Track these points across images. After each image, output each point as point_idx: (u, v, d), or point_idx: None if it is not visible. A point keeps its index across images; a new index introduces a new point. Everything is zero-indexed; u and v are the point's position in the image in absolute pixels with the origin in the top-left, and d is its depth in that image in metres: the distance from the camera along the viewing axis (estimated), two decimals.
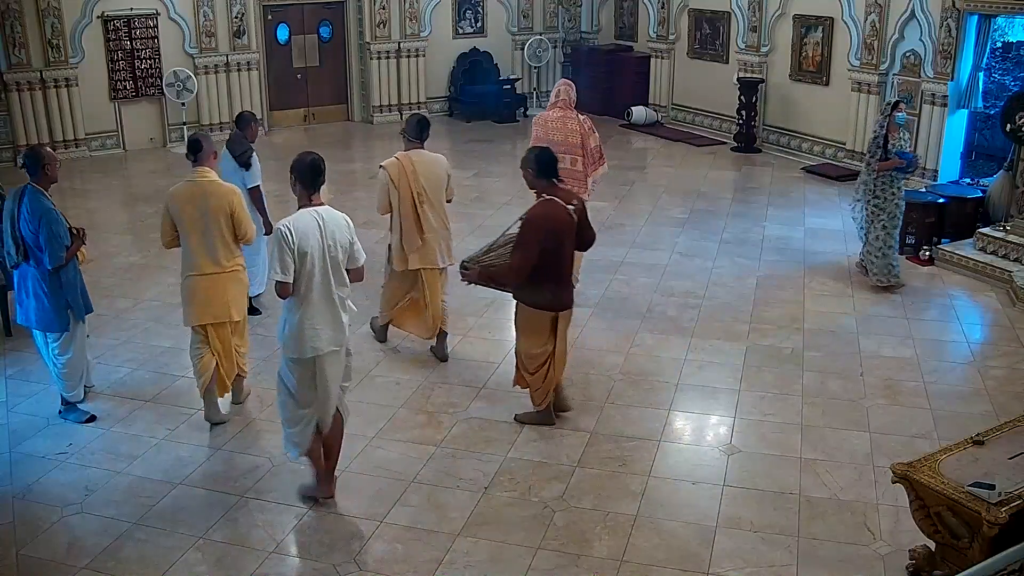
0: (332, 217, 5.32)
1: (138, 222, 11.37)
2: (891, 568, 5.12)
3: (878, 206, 8.85)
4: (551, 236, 6.02)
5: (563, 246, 6.14)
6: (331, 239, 5.26)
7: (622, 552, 5.25)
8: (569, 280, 6.37)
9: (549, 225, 6.03)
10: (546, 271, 6.08)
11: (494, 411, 6.78)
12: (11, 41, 13.37)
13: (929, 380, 7.22)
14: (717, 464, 6.12)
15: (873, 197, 8.85)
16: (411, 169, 7.14)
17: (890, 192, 8.82)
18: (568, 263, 6.27)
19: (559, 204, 6.09)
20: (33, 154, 6.37)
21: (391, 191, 7.17)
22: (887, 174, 8.77)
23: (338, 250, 5.30)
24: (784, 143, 14.40)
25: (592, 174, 8.38)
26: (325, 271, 5.27)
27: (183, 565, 5.17)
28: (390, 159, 7.26)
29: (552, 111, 8.46)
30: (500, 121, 16.55)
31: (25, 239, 6.22)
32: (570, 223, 6.13)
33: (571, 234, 6.19)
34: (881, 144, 8.74)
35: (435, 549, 5.28)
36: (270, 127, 15.82)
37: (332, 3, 16.22)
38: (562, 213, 6.08)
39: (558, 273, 6.17)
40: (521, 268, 6.05)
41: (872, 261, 8.97)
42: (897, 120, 8.78)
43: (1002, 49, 11.69)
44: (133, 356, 7.68)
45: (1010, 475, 4.64)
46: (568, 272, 6.32)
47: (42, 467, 6.10)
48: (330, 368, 5.39)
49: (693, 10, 15.75)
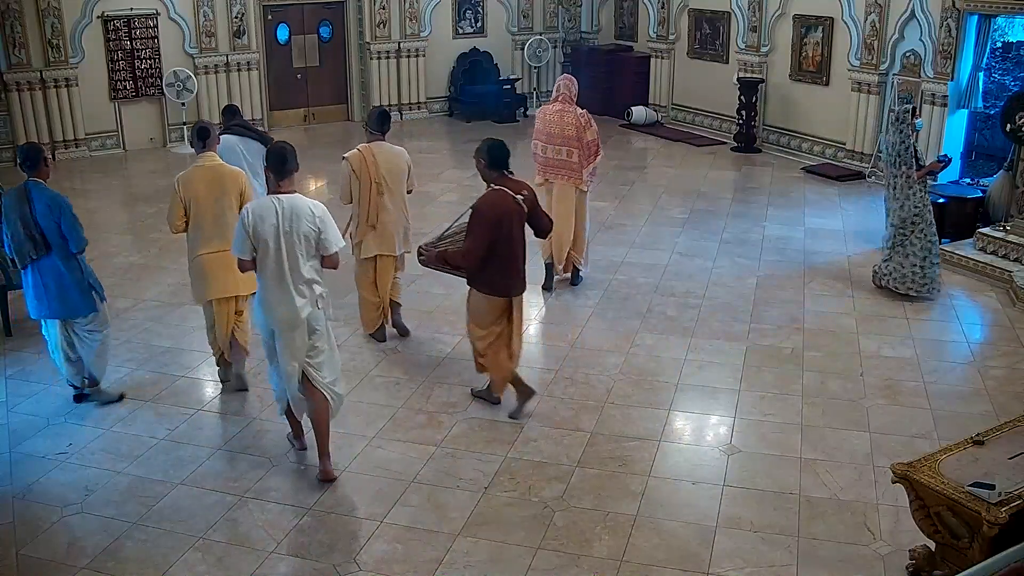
0: (294, 205, 5.55)
1: (138, 222, 11.37)
2: (891, 568, 5.12)
3: (919, 215, 8.51)
4: (499, 224, 6.26)
5: (512, 234, 6.36)
6: (289, 225, 5.51)
7: (622, 552, 5.25)
8: (521, 267, 6.55)
9: (497, 214, 6.26)
10: (498, 258, 6.33)
11: (494, 411, 6.77)
12: (11, 41, 13.37)
13: (929, 380, 7.22)
14: (717, 464, 6.12)
15: (913, 208, 8.49)
16: (372, 160, 7.38)
17: (918, 198, 8.52)
18: (519, 251, 6.48)
19: (507, 194, 6.33)
20: (33, 148, 6.50)
21: (352, 181, 7.41)
22: (922, 181, 8.56)
23: (297, 237, 5.53)
24: (784, 143, 14.40)
25: (587, 166, 8.59)
26: (280, 255, 5.53)
27: (183, 565, 5.17)
28: (352, 151, 7.49)
29: (552, 105, 8.71)
30: (500, 121, 16.55)
31: (45, 231, 6.35)
32: (518, 212, 6.36)
33: (520, 222, 6.42)
34: (913, 153, 8.48)
35: (435, 549, 5.28)
36: (270, 127, 15.81)
37: (332, 3, 16.22)
38: (510, 202, 6.32)
39: (510, 260, 6.40)
40: (470, 254, 6.33)
41: (912, 271, 8.58)
42: (917, 127, 8.69)
43: (1002, 49, 11.70)
44: (133, 356, 7.68)
45: (1010, 475, 4.64)
46: (520, 259, 6.52)
47: (42, 467, 6.10)
48: (286, 344, 5.68)
49: (693, 10, 15.75)
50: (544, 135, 8.61)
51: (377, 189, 7.39)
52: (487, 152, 6.43)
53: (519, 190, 6.42)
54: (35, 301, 6.62)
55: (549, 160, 8.66)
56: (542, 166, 8.73)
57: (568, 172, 8.56)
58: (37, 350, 7.76)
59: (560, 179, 8.65)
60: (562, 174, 8.62)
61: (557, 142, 8.51)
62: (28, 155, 6.43)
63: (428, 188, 12.19)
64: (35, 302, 6.62)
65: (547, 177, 8.72)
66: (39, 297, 6.57)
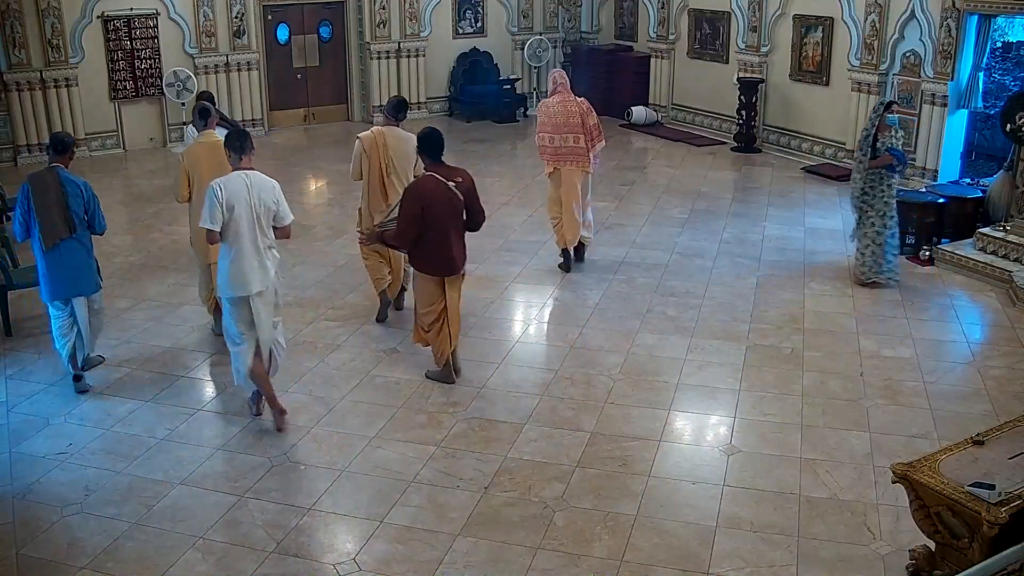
0: (259, 180, 6.21)
1: (138, 222, 11.37)
2: (891, 568, 5.12)
3: (867, 203, 8.95)
4: (427, 207, 6.64)
5: (444, 217, 6.70)
6: (256, 198, 6.14)
7: (622, 552, 5.25)
8: (453, 249, 6.85)
9: (425, 198, 6.65)
10: (430, 239, 6.73)
11: (494, 411, 6.78)
12: (11, 41, 13.37)
13: (929, 380, 7.22)
14: (717, 464, 6.12)
15: (862, 194, 8.95)
16: (382, 143, 7.79)
17: (879, 190, 8.89)
18: (451, 233, 6.79)
19: (439, 180, 6.70)
20: (66, 136, 7.14)
21: (363, 160, 7.83)
22: (877, 172, 8.85)
23: (262, 208, 6.16)
24: (784, 143, 14.40)
25: (592, 149, 9.13)
26: (252, 224, 6.14)
27: (183, 565, 5.17)
28: (366, 132, 7.96)
29: (553, 97, 9.25)
30: (500, 121, 16.55)
31: (76, 213, 6.80)
32: (448, 196, 6.71)
33: (451, 207, 6.75)
34: (871, 143, 8.81)
35: (435, 549, 5.28)
36: (270, 127, 15.83)
37: (332, 3, 16.22)
38: (441, 187, 6.69)
39: (441, 241, 6.76)
40: (401, 234, 6.77)
41: (860, 256, 9.07)
42: (889, 121, 8.83)
43: (1002, 49, 11.69)
44: (133, 356, 7.68)
45: (1010, 475, 4.64)
46: (452, 241, 6.82)
47: (42, 467, 6.10)
48: (261, 305, 6.28)
49: (693, 10, 15.75)
50: (550, 126, 9.08)
51: (385, 169, 7.77)
52: (421, 141, 6.82)
53: (452, 177, 6.76)
54: (54, 282, 6.89)
55: (559, 149, 9.11)
56: (551, 156, 9.18)
57: (576, 158, 9.09)
58: (37, 350, 7.77)
59: (568, 165, 9.13)
60: (570, 160, 9.12)
61: (564, 131, 9.02)
62: (63, 141, 6.98)
63: None
64: (54, 283, 6.90)
65: (556, 166, 9.18)
66: (59, 277, 6.87)
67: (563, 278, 9.28)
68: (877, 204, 8.92)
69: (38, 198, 6.75)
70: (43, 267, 6.90)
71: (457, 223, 6.85)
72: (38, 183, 6.80)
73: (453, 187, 6.73)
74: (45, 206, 6.73)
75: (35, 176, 6.92)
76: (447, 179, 6.72)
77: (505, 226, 10.92)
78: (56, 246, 6.79)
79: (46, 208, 6.73)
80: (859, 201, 8.98)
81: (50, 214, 6.73)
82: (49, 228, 6.75)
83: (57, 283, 6.90)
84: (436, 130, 6.88)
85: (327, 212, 11.93)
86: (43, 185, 6.78)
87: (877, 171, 8.84)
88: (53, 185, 6.77)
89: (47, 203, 6.73)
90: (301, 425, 6.58)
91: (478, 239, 10.40)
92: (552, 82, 9.35)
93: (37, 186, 6.79)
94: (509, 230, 10.79)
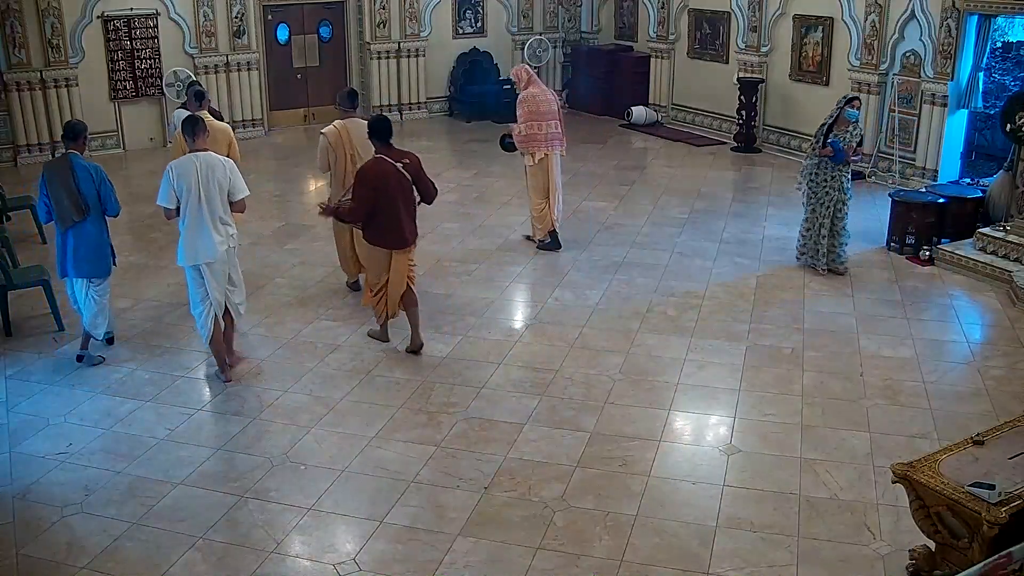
0: (209, 161, 6.88)
1: (138, 222, 11.36)
2: (891, 568, 5.12)
3: (812, 190, 9.25)
4: (378, 186, 7.22)
5: (393, 195, 7.28)
6: (205, 177, 6.80)
7: (622, 552, 5.25)
8: (402, 224, 7.39)
9: (375, 177, 7.24)
10: (380, 215, 7.31)
11: (494, 411, 6.78)
12: (11, 41, 13.36)
13: (929, 380, 7.22)
14: (717, 464, 6.12)
15: (810, 180, 9.25)
16: (346, 135, 8.36)
17: (823, 178, 9.16)
18: (400, 210, 7.34)
19: (387, 161, 7.28)
20: (80, 123, 7.55)
21: (329, 153, 8.41)
22: (823, 163, 9.14)
23: (213, 185, 6.83)
24: (784, 143, 14.40)
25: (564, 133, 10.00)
26: (200, 201, 6.80)
27: (183, 565, 5.17)
28: (329, 126, 8.50)
29: (533, 88, 9.89)
30: (500, 121, 16.43)
31: (87, 197, 7.19)
32: (397, 176, 7.27)
33: (400, 186, 7.31)
34: (823, 133, 9.05)
35: (435, 549, 5.28)
36: (270, 127, 15.83)
37: (332, 3, 16.21)
38: (389, 168, 7.26)
39: (390, 218, 7.32)
40: (354, 210, 7.39)
41: (800, 238, 9.48)
42: (848, 115, 9.02)
43: (1002, 49, 11.69)
44: (133, 356, 7.68)
45: (1010, 475, 4.64)
46: (400, 218, 7.34)
47: (42, 467, 6.10)
48: (212, 273, 6.98)
49: (693, 10, 15.74)
50: (538, 115, 9.71)
51: (351, 159, 8.26)
52: (372, 127, 7.43)
53: (400, 159, 7.34)
54: (70, 262, 7.33)
55: (549, 135, 9.77)
56: (543, 142, 9.76)
57: (559, 142, 9.86)
58: (37, 350, 7.77)
59: (553, 150, 9.82)
60: (556, 144, 9.83)
61: (548, 118, 9.75)
62: (75, 128, 7.38)
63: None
64: (70, 263, 7.33)
65: (547, 151, 9.78)
66: (73, 258, 7.31)
67: (563, 278, 9.28)
68: (819, 192, 9.21)
69: (52, 184, 7.19)
70: (59, 247, 7.35)
71: (407, 201, 7.40)
72: (53, 170, 7.27)
73: (401, 168, 7.28)
74: (58, 191, 7.15)
75: (50, 163, 7.54)
76: (395, 160, 7.28)
77: (505, 226, 10.92)
78: (70, 228, 7.21)
79: (59, 193, 7.15)
80: (807, 188, 9.29)
81: (62, 198, 7.15)
82: (62, 211, 7.19)
83: (72, 263, 7.32)
84: (385, 117, 7.55)
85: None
86: (56, 171, 7.23)
87: (823, 161, 9.12)
88: (66, 171, 7.18)
89: (60, 188, 7.15)
90: (301, 425, 6.58)
91: (479, 239, 10.46)
92: (525, 76, 9.97)
93: (52, 173, 7.25)
94: (509, 230, 10.79)
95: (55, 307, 8.14)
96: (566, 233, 10.55)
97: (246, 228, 10.80)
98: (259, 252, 10.13)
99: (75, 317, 7.92)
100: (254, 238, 10.58)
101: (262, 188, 11.68)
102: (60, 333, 8.05)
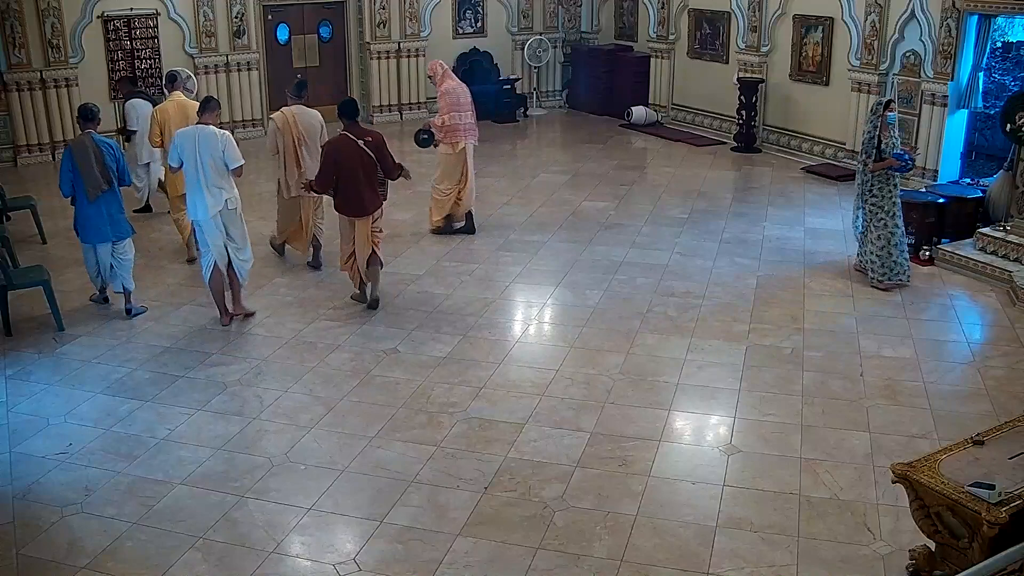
0: (206, 133, 7.85)
1: (138, 222, 11.33)
2: (891, 568, 5.12)
3: (876, 204, 8.93)
4: (339, 160, 8.10)
5: (355, 168, 8.13)
6: (201, 147, 7.79)
7: (622, 552, 5.25)
8: (362, 195, 8.24)
9: (339, 152, 8.14)
10: (344, 186, 8.21)
11: (494, 411, 6.78)
12: (11, 41, 13.35)
13: (929, 380, 7.22)
14: (717, 464, 6.12)
15: (871, 196, 8.95)
16: (293, 120, 9.20)
17: (887, 190, 8.91)
18: (360, 183, 8.17)
19: (350, 138, 8.15)
20: (94, 106, 8.39)
21: (278, 137, 9.22)
22: (883, 173, 8.86)
23: (206, 156, 7.80)
24: (784, 143, 14.40)
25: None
26: (195, 167, 7.84)
27: (183, 565, 5.17)
28: (278, 112, 9.36)
29: (450, 82, 10.48)
30: (500, 121, 16.54)
31: (110, 168, 8.11)
32: (359, 151, 8.11)
33: (362, 161, 8.14)
34: (875, 145, 8.81)
35: (435, 549, 5.28)
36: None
37: (332, 3, 16.21)
38: (352, 144, 8.14)
39: (352, 189, 8.19)
40: (320, 181, 8.30)
41: (873, 261, 9.01)
42: (888, 120, 8.86)
43: (1002, 49, 11.68)
44: (133, 356, 7.68)
45: (1010, 475, 4.64)
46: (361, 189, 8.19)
47: (42, 467, 6.10)
48: (207, 229, 7.99)
49: (693, 10, 15.74)
50: (458, 107, 10.31)
51: (297, 142, 9.13)
52: (341, 107, 8.36)
53: (363, 136, 8.19)
54: (97, 228, 8.21)
55: (468, 126, 10.38)
56: (464, 132, 10.34)
57: (475, 133, 10.51)
58: (37, 350, 7.78)
59: (470, 140, 10.41)
60: (472, 135, 10.45)
61: (466, 110, 10.37)
62: (91, 110, 8.29)
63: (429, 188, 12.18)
64: (96, 229, 8.21)
65: (468, 141, 10.36)
66: (101, 224, 8.20)
67: (563, 278, 9.27)
68: (886, 205, 8.92)
69: (80, 159, 8.00)
70: (84, 217, 8.18)
71: (368, 174, 8.22)
72: (79, 147, 8.08)
73: (363, 144, 8.13)
74: (87, 164, 8.00)
75: (75, 141, 8.27)
76: (358, 138, 8.14)
77: (505, 226, 10.92)
78: (98, 198, 8.07)
79: (88, 166, 8.00)
80: (867, 204, 8.98)
81: (92, 171, 8.01)
82: (93, 182, 8.02)
83: (99, 228, 8.20)
84: (353, 99, 8.75)
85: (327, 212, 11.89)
86: (83, 148, 8.06)
87: (883, 173, 8.85)
88: (92, 147, 8.06)
89: (88, 162, 8.00)
90: (301, 425, 6.58)
91: (478, 239, 10.46)
92: (440, 70, 10.55)
93: (78, 149, 8.06)
94: (509, 230, 10.79)
95: (55, 307, 8.15)
96: (566, 233, 10.58)
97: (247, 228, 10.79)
98: (259, 252, 10.12)
99: (75, 316, 8.00)
100: (254, 238, 10.56)
101: (262, 188, 11.67)
102: (60, 333, 8.06)
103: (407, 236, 10.55)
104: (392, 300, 8.77)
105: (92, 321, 8.34)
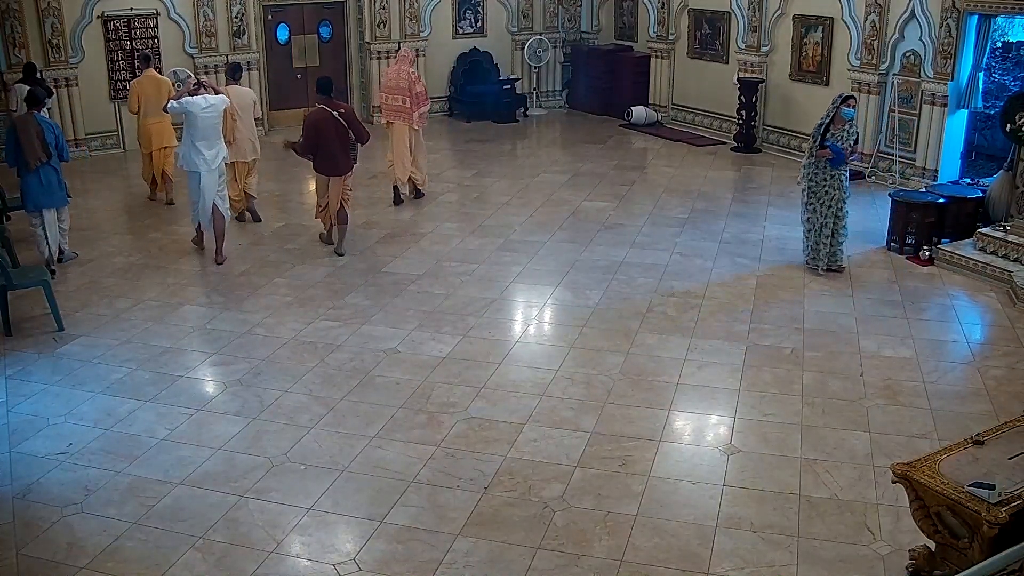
0: (212, 101, 9.56)
1: (138, 222, 11.37)
2: (891, 568, 5.12)
3: (810, 190, 9.27)
4: (318, 129, 9.55)
5: (329, 136, 9.56)
6: (204, 110, 9.42)
7: (622, 552, 5.25)
8: (337, 158, 9.70)
9: (316, 122, 9.58)
10: (320, 150, 9.66)
11: (494, 411, 6.78)
12: (11, 41, 13.35)
13: (929, 380, 7.22)
14: (717, 464, 6.12)
15: (807, 181, 9.28)
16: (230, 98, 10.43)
17: (822, 178, 9.18)
18: (335, 148, 9.61)
19: (326, 110, 9.57)
20: (39, 92, 9.67)
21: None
22: (821, 164, 9.15)
23: (204, 120, 9.42)
24: (784, 143, 14.39)
25: (416, 110, 11.45)
26: (194, 125, 9.43)
27: (183, 565, 5.17)
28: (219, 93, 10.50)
29: (393, 66, 11.84)
30: (500, 121, 16.54)
31: (49, 143, 9.23)
32: (333, 121, 9.54)
33: (336, 129, 9.58)
34: (820, 133, 9.07)
35: (435, 549, 5.28)
36: (270, 127, 15.81)
37: (332, 3, 16.21)
38: (326, 115, 9.55)
39: (328, 153, 9.65)
40: (302, 147, 9.76)
41: (803, 240, 9.48)
42: (844, 114, 9.04)
43: (1002, 49, 11.69)
44: (133, 356, 7.68)
45: (1010, 475, 4.64)
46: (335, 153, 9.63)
47: (42, 467, 6.10)
48: (205, 180, 9.49)
49: (693, 10, 15.74)
50: (386, 88, 11.64)
51: (231, 117, 10.38)
52: (317, 83, 9.88)
53: (336, 108, 9.65)
54: (41, 195, 9.32)
55: (389, 107, 11.57)
56: (385, 112, 11.68)
57: (403, 115, 11.42)
58: (37, 350, 7.78)
59: (398, 120, 11.48)
60: (399, 116, 11.45)
61: (394, 93, 11.45)
62: (35, 96, 9.45)
63: (429, 188, 12.19)
64: (40, 196, 9.33)
65: (389, 120, 11.59)
66: (44, 192, 9.33)
67: (563, 278, 9.28)
68: (819, 191, 9.23)
69: (23, 133, 9.15)
70: (26, 185, 9.30)
71: (342, 140, 9.65)
72: (21, 123, 9.29)
73: (337, 115, 9.54)
74: (28, 138, 9.13)
75: (19, 118, 9.47)
76: (333, 109, 9.56)
77: (505, 226, 10.93)
78: (39, 168, 9.19)
79: (29, 140, 9.13)
80: (807, 187, 9.29)
81: (33, 144, 9.13)
82: (32, 153, 9.14)
83: (38, 196, 9.31)
84: (327, 76, 10.17)
85: None
86: (25, 124, 9.24)
87: (821, 163, 9.13)
88: (33, 124, 9.21)
89: (29, 136, 9.14)
90: (301, 425, 6.58)
91: (479, 239, 10.45)
92: (399, 55, 11.91)
93: (21, 125, 9.26)
94: (509, 230, 10.79)
95: (55, 307, 8.15)
96: (566, 233, 10.59)
97: (247, 228, 10.84)
98: (259, 252, 10.14)
99: (75, 316, 8.03)
100: (254, 238, 10.59)
101: (262, 188, 11.66)
102: (60, 333, 8.06)
103: (407, 236, 10.56)
104: (392, 300, 8.77)
105: (92, 321, 8.34)
